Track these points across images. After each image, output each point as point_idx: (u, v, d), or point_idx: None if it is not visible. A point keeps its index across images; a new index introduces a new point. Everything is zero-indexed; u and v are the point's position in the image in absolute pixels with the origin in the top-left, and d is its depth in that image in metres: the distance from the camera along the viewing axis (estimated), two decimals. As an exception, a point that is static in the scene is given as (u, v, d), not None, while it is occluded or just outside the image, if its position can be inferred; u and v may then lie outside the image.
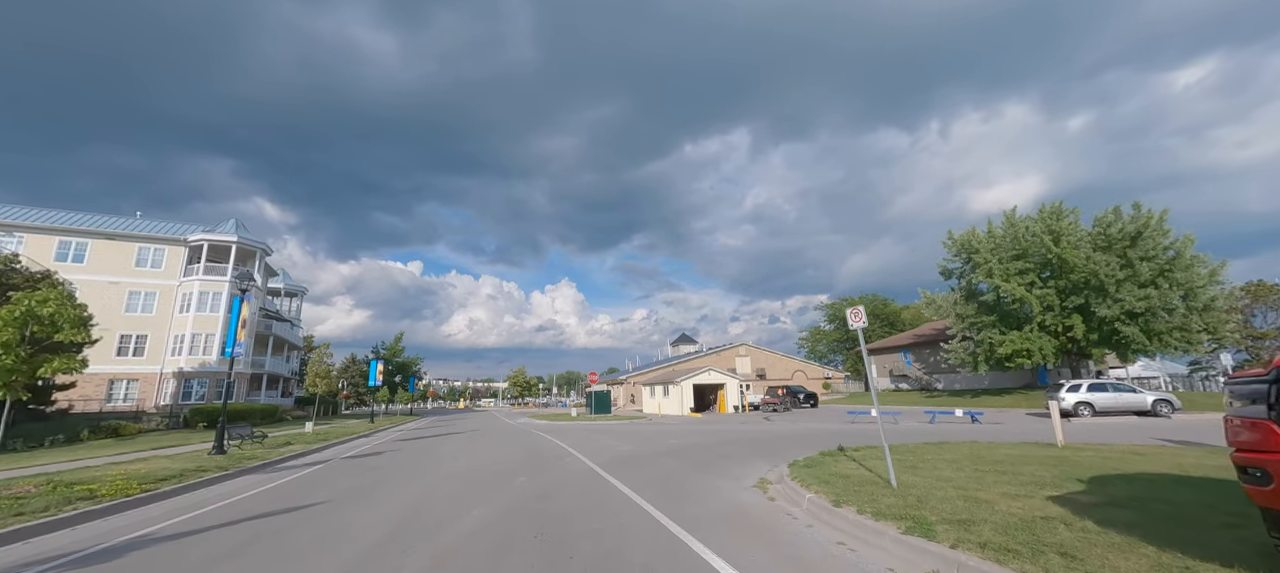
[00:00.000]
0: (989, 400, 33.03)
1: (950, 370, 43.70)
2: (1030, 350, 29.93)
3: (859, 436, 17.25)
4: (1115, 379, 24.35)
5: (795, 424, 23.87)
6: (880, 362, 51.27)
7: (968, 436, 16.05)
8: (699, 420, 29.09)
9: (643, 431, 22.09)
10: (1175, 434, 15.20)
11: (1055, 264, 29.61)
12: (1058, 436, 12.39)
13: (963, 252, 34.27)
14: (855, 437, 16.77)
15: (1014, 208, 32.81)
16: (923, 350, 47.11)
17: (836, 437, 17.25)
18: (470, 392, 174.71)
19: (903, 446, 12.64)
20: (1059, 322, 29.53)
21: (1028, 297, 29.57)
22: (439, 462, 13.11)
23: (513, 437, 21.37)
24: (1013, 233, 32.23)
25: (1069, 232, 29.88)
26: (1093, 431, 17.60)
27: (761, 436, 18.04)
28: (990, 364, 32.68)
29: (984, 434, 16.75)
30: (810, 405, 41.22)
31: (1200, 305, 25.57)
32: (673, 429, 22.83)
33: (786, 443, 15.32)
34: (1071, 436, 15.40)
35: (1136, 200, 27.70)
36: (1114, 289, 26.85)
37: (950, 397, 37.83)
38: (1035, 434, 15.70)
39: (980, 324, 33.02)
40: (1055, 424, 12.72)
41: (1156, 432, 16.05)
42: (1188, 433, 15.50)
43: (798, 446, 14.63)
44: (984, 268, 32.02)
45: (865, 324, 8.12)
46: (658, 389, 40.70)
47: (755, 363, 54.95)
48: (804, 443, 15.28)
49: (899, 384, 48.73)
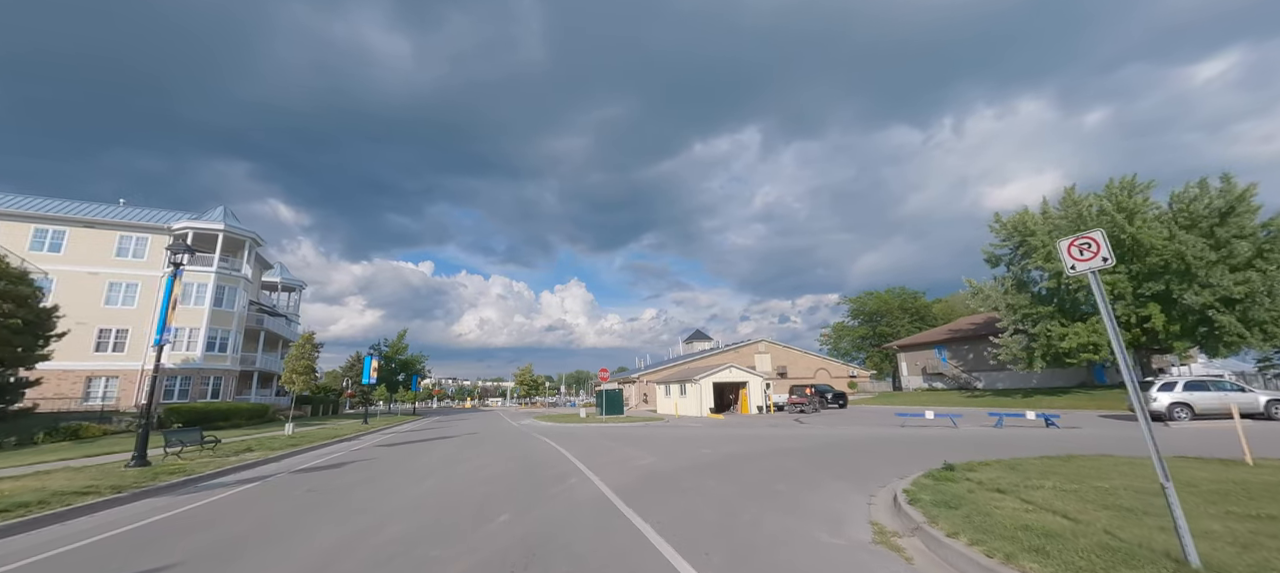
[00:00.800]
0: (1044, 401, 29.51)
1: (995, 368, 40.12)
2: (1097, 344, 26.41)
3: (932, 442, 14.04)
4: (1213, 376, 20.84)
5: (835, 428, 20.70)
6: (911, 359, 47.73)
7: (1071, 445, 12.79)
8: (722, 423, 25.97)
9: (663, 436, 19.04)
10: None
11: (1128, 246, 26.03)
12: (1244, 450, 9.11)
13: (1014, 235, 30.75)
14: (928, 444, 13.58)
15: (1072, 186, 29.26)
16: (959, 347, 43.53)
17: (900, 443, 14.09)
18: (479, 391, 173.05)
19: (1010, 460, 9.51)
20: (1132, 312, 25.97)
21: (1096, 283, 25.98)
22: (407, 481, 10.19)
23: (511, 442, 18.45)
24: (1076, 211, 28.65)
25: (1142, 209, 26.31)
26: (1215, 438, 14.23)
27: (808, 443, 14.92)
28: (1047, 361, 29.18)
29: (1090, 443, 13.48)
30: (839, 406, 37.91)
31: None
32: (698, 434, 19.75)
33: (849, 453, 12.20)
34: (1176, 443, 12.11)
35: (1225, 172, 24.07)
36: (1204, 273, 23.27)
37: (996, 397, 34.31)
38: (1130, 442, 12.38)
39: (1036, 315, 29.51)
40: (1240, 436, 9.43)
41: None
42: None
43: (867, 456, 11.50)
44: (1041, 252, 28.50)
45: (1106, 259, 4.95)
46: (673, 388, 37.62)
47: (775, 360, 51.61)
48: (872, 453, 12.14)
49: (933, 383, 45.17)
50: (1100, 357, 26.77)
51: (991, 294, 31.57)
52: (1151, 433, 4.40)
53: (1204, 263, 23.19)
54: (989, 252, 33.77)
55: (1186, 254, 23.15)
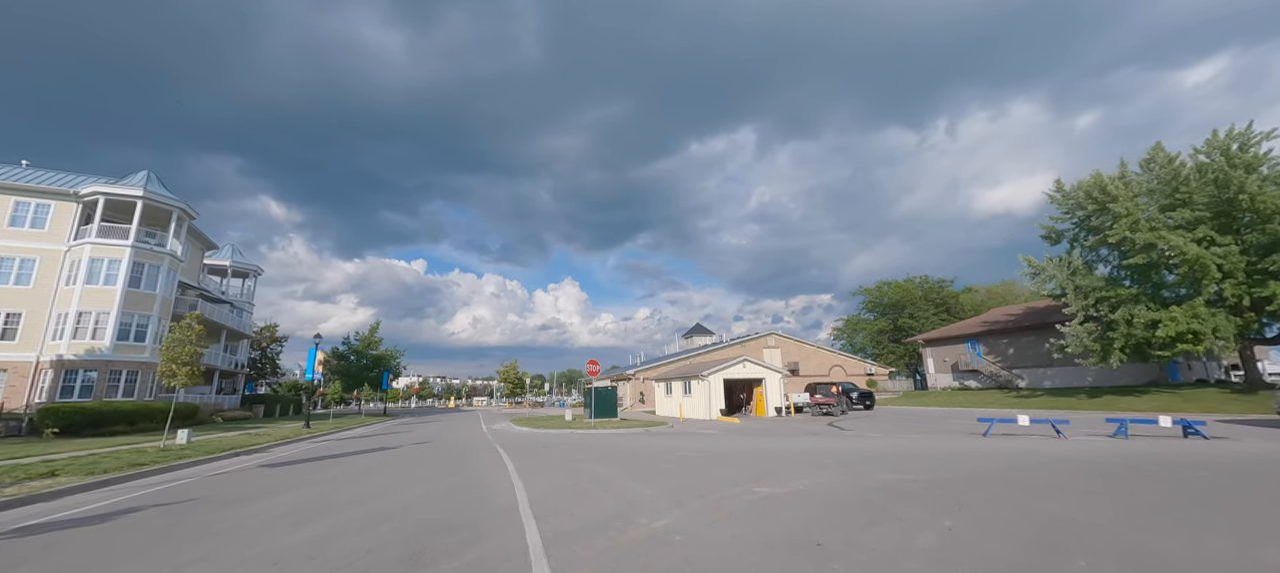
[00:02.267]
0: (1117, 401, 24.53)
1: (1039, 363, 35.18)
2: (1198, 332, 21.43)
3: (1121, 471, 8.75)
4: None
5: (894, 439, 15.54)
6: (939, 354, 42.75)
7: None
8: (744, 431, 20.74)
9: (674, 453, 13.74)
10: None
11: (1244, 210, 21.07)
12: None
13: (1087, 203, 25.71)
14: (1131, 476, 8.30)
15: (1158, 143, 24.25)
16: (996, 340, 38.59)
17: (1019, 466, 8.80)
18: (468, 390, 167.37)
19: None
20: (1245, 292, 21.00)
21: (1203, 257, 21.03)
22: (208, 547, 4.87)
23: (457, 462, 13.10)
24: (1170, 170, 23.70)
25: (1257, 165, 21.36)
26: None
27: (920, 474, 9.68)
28: (1128, 353, 24.18)
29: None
30: (866, 407, 32.85)
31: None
32: (724, 449, 14.49)
33: (997, 489, 6.92)
34: None
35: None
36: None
37: (1051, 397, 29.34)
38: None
39: (1115, 299, 24.50)
40: None
41: None
42: None
43: (1046, 498, 6.19)
44: (1126, 220, 23.47)
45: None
46: (676, 386, 32.38)
47: (786, 356, 46.54)
48: (1028, 489, 6.83)
49: (966, 381, 40.20)
50: (1203, 347, 21.78)
51: (1056, 274, 26.54)
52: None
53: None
54: (1048, 226, 28.78)
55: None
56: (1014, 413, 17.49)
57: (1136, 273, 24.84)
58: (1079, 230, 27.53)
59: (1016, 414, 16.18)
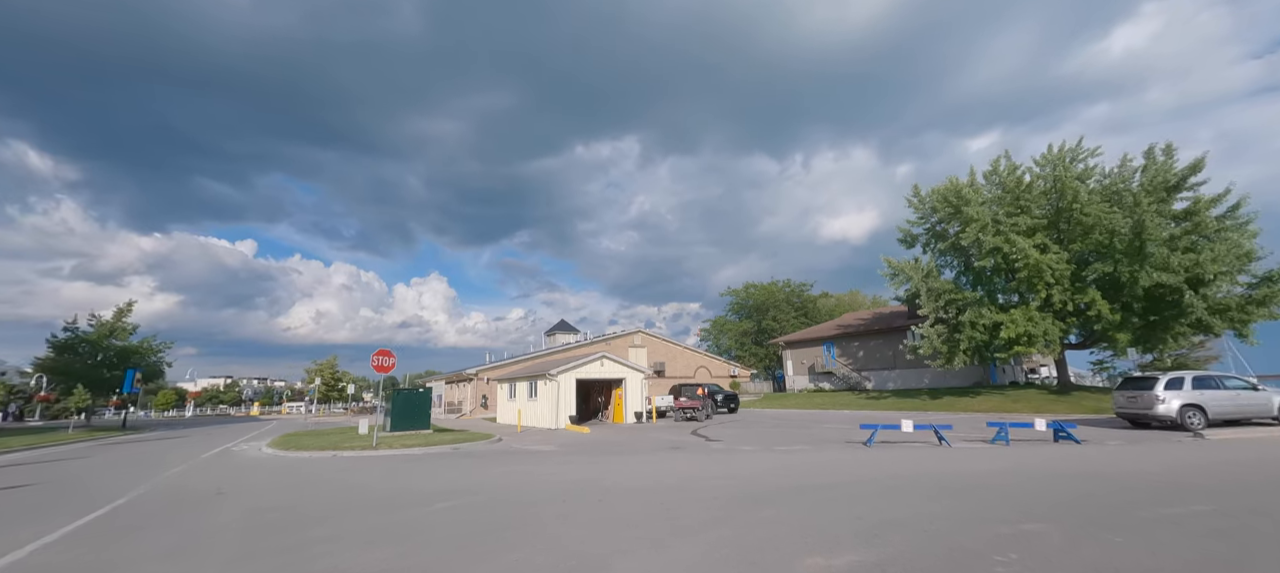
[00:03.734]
0: (955, 402, 25.03)
1: (885, 367, 36.42)
2: (1032, 335, 22.12)
3: (1054, 495, 5.43)
4: (1216, 372, 16.82)
5: (772, 452, 12.05)
6: (798, 356, 43.06)
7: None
8: (587, 447, 16.05)
9: (439, 505, 8.32)
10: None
11: (1073, 221, 22.19)
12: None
13: (942, 206, 26.01)
14: (1078, 498, 4.92)
15: (1005, 152, 25.32)
16: (849, 343, 39.59)
17: (970, 507, 5.27)
18: (290, 393, 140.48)
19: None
20: (1070, 299, 22.11)
21: (1042, 262, 21.66)
22: None
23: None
24: (1015, 178, 24.62)
25: (1086, 178, 22.79)
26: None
27: (829, 530, 5.53)
28: (972, 356, 24.65)
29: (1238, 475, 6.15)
30: (730, 410, 30.58)
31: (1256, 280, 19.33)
32: (533, 492, 9.47)
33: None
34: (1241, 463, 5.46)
35: (1168, 143, 21.17)
36: (1165, 252, 19.75)
37: (898, 398, 29.78)
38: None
39: (962, 302, 24.87)
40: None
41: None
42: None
43: None
44: (977, 224, 23.80)
45: None
46: (521, 388, 26.74)
47: (654, 355, 43.51)
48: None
49: (820, 383, 40.74)
50: (1035, 349, 22.56)
51: (912, 275, 26.55)
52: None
53: (1161, 240, 19.62)
54: (905, 230, 29.11)
55: (1147, 224, 19.32)
56: (897, 418, 15.27)
57: (979, 277, 25.68)
58: (931, 235, 28.13)
59: (900, 420, 13.83)
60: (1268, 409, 14.73)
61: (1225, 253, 18.58)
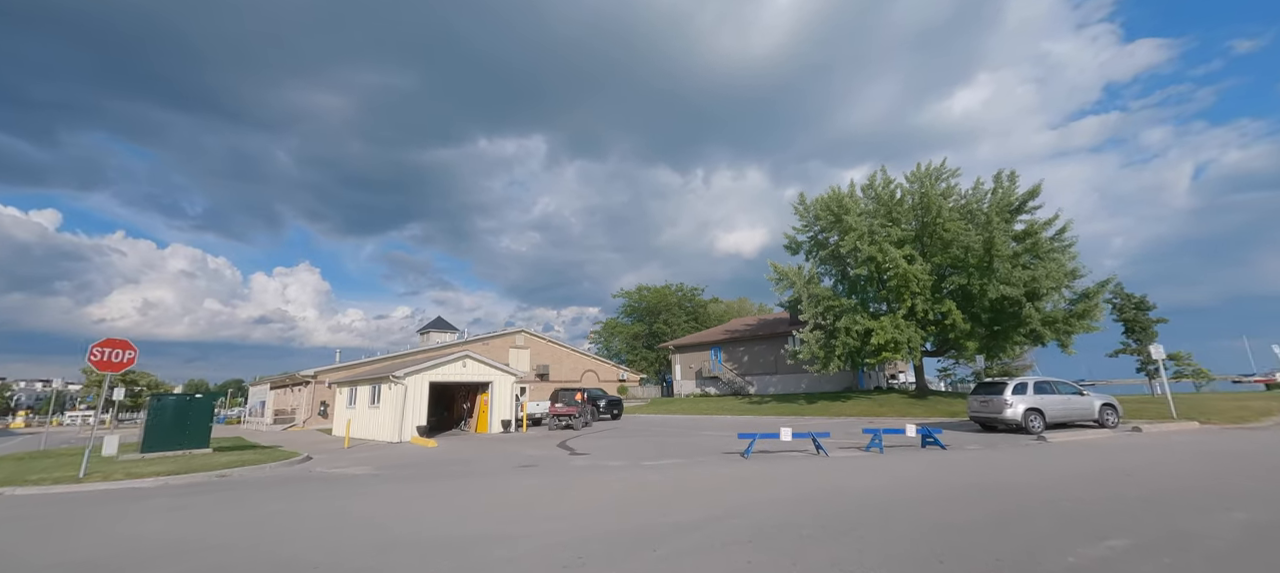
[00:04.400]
0: (829, 406, 25.57)
1: (767, 372, 37.02)
2: (899, 342, 23.03)
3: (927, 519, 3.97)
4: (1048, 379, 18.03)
5: (639, 468, 10.03)
6: (686, 361, 42.58)
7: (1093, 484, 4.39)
8: (432, 459, 12.93)
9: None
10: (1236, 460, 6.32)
11: (935, 235, 23.51)
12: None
13: (825, 215, 26.50)
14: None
15: (881, 167, 26.48)
16: (735, 348, 39.85)
17: (847, 522, 3.59)
18: (90, 394, 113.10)
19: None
20: (931, 308, 23.37)
21: (910, 272, 22.59)
22: None
23: None
24: (889, 192, 25.69)
25: (945, 197, 24.34)
26: (1119, 458, 8.16)
27: None
28: (845, 361, 25.21)
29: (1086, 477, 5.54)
30: (613, 416, 28.65)
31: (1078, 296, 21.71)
32: (329, 533, 6.28)
33: None
34: (1071, 466, 5.36)
35: (1012, 171, 23.31)
36: (1009, 267, 21.41)
37: (778, 402, 30.04)
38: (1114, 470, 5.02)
39: (839, 308, 25.39)
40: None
41: (1213, 461, 7.25)
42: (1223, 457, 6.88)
43: None
44: (855, 234, 24.42)
45: None
46: (362, 393, 22.27)
47: (537, 358, 40.30)
48: None
49: (707, 388, 40.54)
50: (900, 355, 23.51)
51: (794, 281, 26.72)
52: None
53: (1007, 256, 21.27)
54: (790, 237, 29.42)
55: (996, 241, 20.82)
56: (777, 426, 14.16)
57: (854, 286, 26.55)
58: (814, 244, 28.72)
59: (779, 428, 12.66)
60: (1090, 412, 15.97)
61: (1055, 270, 20.64)
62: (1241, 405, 17.93)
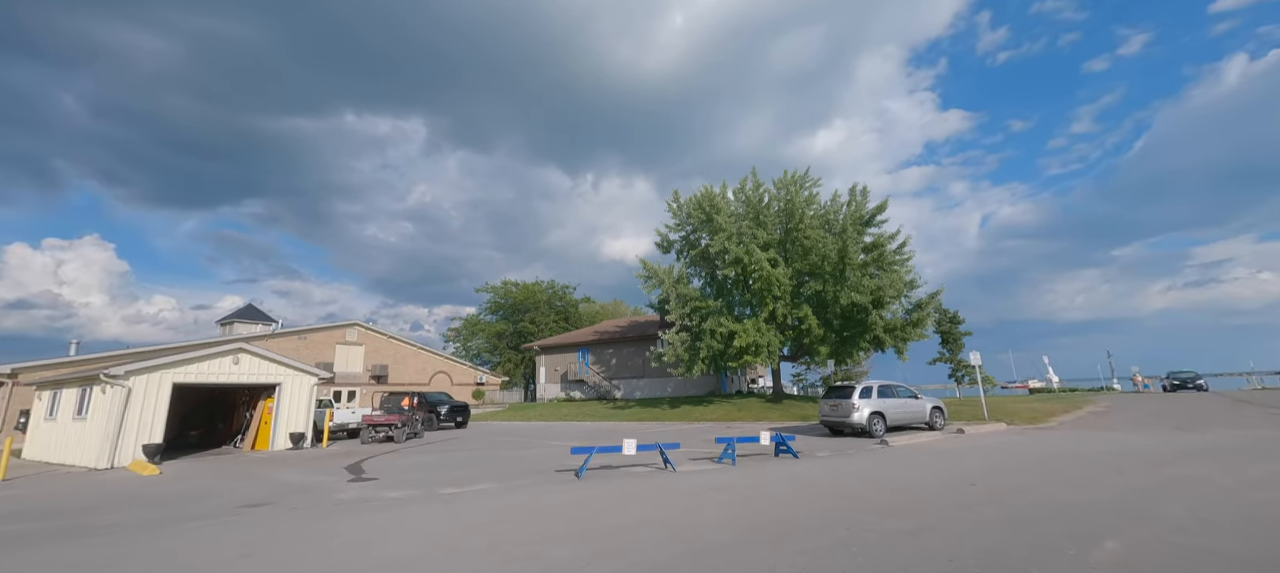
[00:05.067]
0: (692, 411, 24.78)
1: (635, 375, 35.64)
2: (760, 346, 22.84)
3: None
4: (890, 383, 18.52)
5: (430, 503, 7.04)
6: (552, 363, 39.64)
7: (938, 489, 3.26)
8: (126, 496, 8.48)
9: None
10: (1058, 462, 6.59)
11: (797, 241, 23.81)
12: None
13: (696, 213, 25.70)
14: None
15: (752, 170, 26.46)
16: (603, 351, 37.97)
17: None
18: None
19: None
20: (790, 313, 23.57)
21: (773, 275, 22.47)
22: None
23: None
24: (758, 195, 25.61)
25: (807, 205, 24.89)
26: (959, 463, 7.94)
27: None
28: (709, 364, 24.53)
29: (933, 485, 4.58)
30: (457, 424, 24.77)
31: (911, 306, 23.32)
32: None
33: None
34: (914, 470, 4.95)
35: (865, 186, 24.58)
36: (859, 275, 22.22)
37: (641, 407, 28.64)
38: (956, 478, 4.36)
39: (705, 310, 24.65)
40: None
41: (1046, 464, 7.40)
42: (1051, 459, 7.23)
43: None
44: (724, 235, 23.86)
45: None
46: (66, 398, 15.76)
47: (374, 356, 34.34)
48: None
49: (572, 392, 38.02)
50: (760, 358, 23.34)
51: (664, 279, 25.50)
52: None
53: (856, 265, 22.08)
54: (662, 235, 28.30)
55: (849, 249, 21.47)
56: (619, 437, 12.09)
57: (721, 287, 26.13)
58: (685, 243, 27.91)
59: (622, 440, 10.55)
60: (922, 415, 16.56)
61: (897, 280, 21.91)
62: (1032, 408, 20.30)
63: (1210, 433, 12.86)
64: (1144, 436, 13.06)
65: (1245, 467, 8.34)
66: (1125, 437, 13.03)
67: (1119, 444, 11.68)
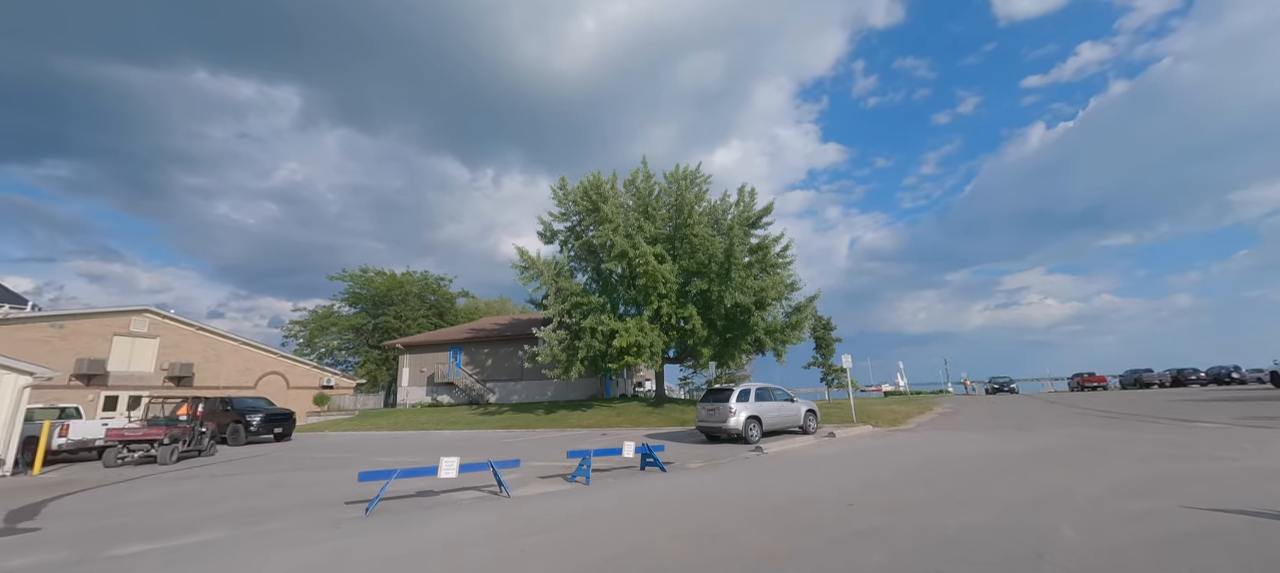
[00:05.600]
0: (568, 416, 22.67)
1: (512, 377, 32.55)
2: (643, 346, 21.43)
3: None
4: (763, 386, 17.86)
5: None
6: (418, 363, 34.98)
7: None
8: None
9: None
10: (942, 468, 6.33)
11: (685, 238, 22.81)
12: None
13: (583, 201, 23.65)
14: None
15: (644, 160, 25.07)
16: (479, 350, 34.37)
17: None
18: None
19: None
20: (675, 312, 22.47)
21: (659, 271, 21.16)
22: None
23: None
24: (648, 187, 24.24)
25: (696, 202, 24.06)
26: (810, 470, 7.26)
27: None
28: (587, 364, 22.57)
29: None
30: (276, 435, 20.04)
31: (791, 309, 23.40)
32: None
33: None
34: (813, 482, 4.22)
35: (753, 187, 24.37)
36: (743, 275, 21.71)
37: (515, 413, 25.83)
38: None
39: (587, 307, 22.70)
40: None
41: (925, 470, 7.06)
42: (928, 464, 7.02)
43: None
44: (610, 226, 22.12)
45: None
46: None
47: (173, 352, 27.32)
48: None
49: (440, 395, 33.79)
50: (642, 359, 21.89)
51: (543, 270, 23.09)
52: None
53: (740, 264, 21.58)
54: (546, 223, 25.82)
55: (735, 249, 20.87)
56: (481, 446, 9.56)
57: (606, 283, 24.36)
58: (571, 234, 25.73)
59: (441, 460, 8.05)
60: (797, 419, 16.05)
61: (779, 282, 21.75)
62: (892, 410, 21.18)
63: (1042, 432, 13.66)
64: (991, 436, 13.51)
65: (1096, 470, 8.23)
66: (977, 438, 13.37)
67: (976, 447, 11.72)
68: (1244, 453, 8.92)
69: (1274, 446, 9.51)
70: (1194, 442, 10.48)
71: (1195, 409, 16.60)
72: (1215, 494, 6.31)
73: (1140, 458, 8.97)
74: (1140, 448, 10.04)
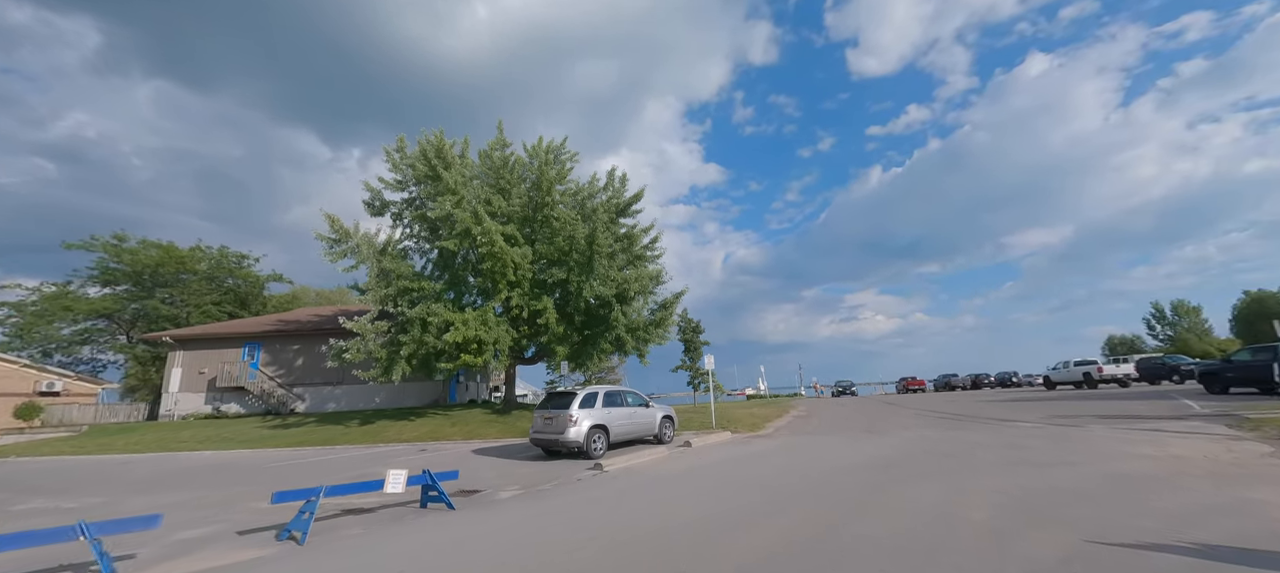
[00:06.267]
0: (388, 428, 18.39)
1: (330, 381, 26.56)
2: (483, 342, 18.07)
3: None
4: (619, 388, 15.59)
5: None
6: (197, 362, 27.04)
7: None
8: None
9: None
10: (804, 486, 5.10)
11: (544, 219, 19.93)
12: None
13: (421, 166, 19.50)
14: None
15: (500, 125, 21.62)
16: (286, 346, 27.75)
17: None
18: None
19: None
20: (527, 304, 19.43)
21: (508, 254, 17.98)
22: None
23: None
24: (504, 159, 20.84)
25: (558, 182, 21.32)
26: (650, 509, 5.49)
27: None
28: (415, 364, 18.52)
29: None
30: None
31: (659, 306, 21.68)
32: None
33: None
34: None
35: (624, 172, 22.33)
36: (607, 265, 19.43)
37: (322, 425, 20.55)
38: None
39: (417, 294, 18.67)
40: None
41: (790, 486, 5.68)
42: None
43: None
44: (453, 196, 18.43)
45: None
46: None
47: None
48: None
49: (223, 404, 26.39)
50: (482, 359, 18.43)
51: (362, 246, 18.52)
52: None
53: (606, 253, 19.31)
54: (375, 191, 21.12)
55: (599, 237, 18.52)
56: (279, 461, 5.65)
57: (447, 266, 20.45)
58: (407, 206, 21.33)
59: (155, 517, 4.29)
60: (652, 427, 14.09)
61: (644, 275, 19.87)
62: (752, 414, 20.45)
63: (891, 435, 13.29)
64: (846, 440, 12.78)
65: (964, 483, 7.14)
66: (832, 442, 12.53)
67: (833, 455, 10.62)
68: (1078, 455, 8.68)
69: (1098, 445, 9.59)
70: (1025, 442, 10.42)
71: (1006, 409, 18.04)
72: (1100, 515, 5.22)
73: (994, 466, 8.25)
74: (986, 453, 9.58)
